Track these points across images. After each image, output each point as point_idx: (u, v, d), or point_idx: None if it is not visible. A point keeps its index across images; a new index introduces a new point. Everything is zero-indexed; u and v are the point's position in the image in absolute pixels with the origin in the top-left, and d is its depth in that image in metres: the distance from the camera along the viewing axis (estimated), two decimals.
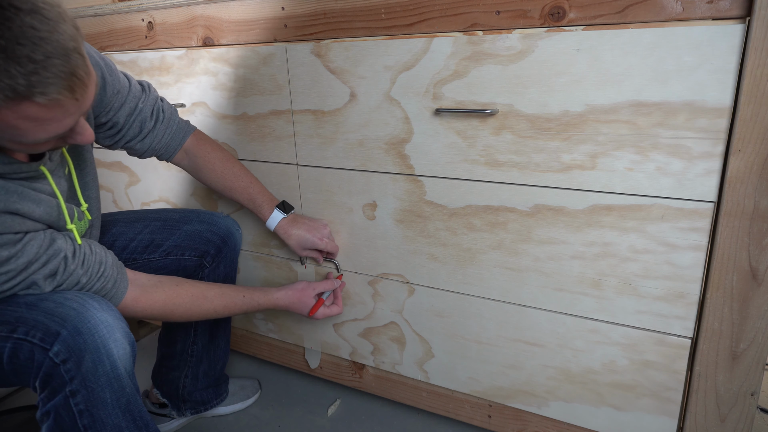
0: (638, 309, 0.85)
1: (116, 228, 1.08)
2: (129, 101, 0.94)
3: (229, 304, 1.00)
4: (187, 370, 1.19)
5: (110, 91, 0.90)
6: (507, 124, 0.86)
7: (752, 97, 0.68)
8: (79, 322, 0.72)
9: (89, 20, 1.28)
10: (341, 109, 1.00)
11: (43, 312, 0.73)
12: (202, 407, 1.24)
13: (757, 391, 0.80)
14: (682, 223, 0.78)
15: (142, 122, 0.97)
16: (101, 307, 0.76)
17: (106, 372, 0.73)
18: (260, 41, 1.06)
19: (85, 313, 0.73)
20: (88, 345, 0.72)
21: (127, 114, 0.94)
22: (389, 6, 0.91)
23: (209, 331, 1.19)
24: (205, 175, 1.07)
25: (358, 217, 1.07)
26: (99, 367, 0.73)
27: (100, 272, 0.82)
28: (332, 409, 1.26)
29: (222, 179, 1.07)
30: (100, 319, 0.74)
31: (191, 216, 1.12)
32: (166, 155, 1.04)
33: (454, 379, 1.08)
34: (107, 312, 0.76)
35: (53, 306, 0.74)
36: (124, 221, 1.09)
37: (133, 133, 0.97)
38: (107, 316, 0.75)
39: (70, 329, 0.71)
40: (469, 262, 0.97)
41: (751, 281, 0.75)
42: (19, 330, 0.72)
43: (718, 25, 0.68)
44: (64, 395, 0.72)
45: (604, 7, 0.75)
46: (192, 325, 1.16)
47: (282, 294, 1.07)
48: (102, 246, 0.87)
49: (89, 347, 0.72)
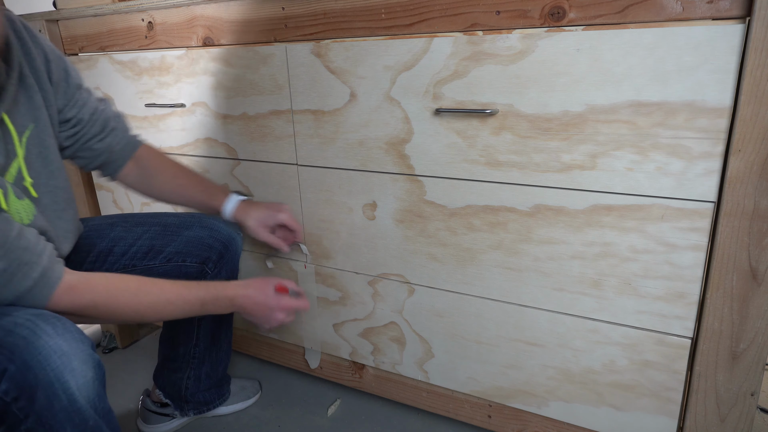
0: (638, 309, 0.85)
1: (114, 233, 1.06)
2: (91, 102, 0.96)
3: (182, 291, 0.89)
4: (190, 371, 1.19)
5: (73, 84, 0.91)
6: (507, 124, 0.86)
7: (752, 97, 0.68)
8: (28, 355, 0.64)
9: (89, 20, 1.29)
10: (341, 109, 1.00)
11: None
12: (205, 408, 1.24)
13: (757, 391, 0.80)
14: (682, 223, 0.78)
15: (104, 121, 0.97)
16: (56, 332, 0.67)
17: (64, 407, 0.67)
18: (260, 41, 1.06)
19: (36, 342, 0.65)
20: (40, 380, 0.64)
21: (90, 112, 0.95)
22: (389, 6, 0.91)
23: (211, 333, 1.18)
24: (157, 178, 1.05)
25: (358, 217, 1.07)
26: (55, 403, 0.66)
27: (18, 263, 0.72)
28: (332, 409, 1.27)
29: (176, 177, 1.07)
30: (53, 348, 0.66)
31: (192, 221, 1.09)
32: (118, 161, 1.01)
33: (454, 379, 1.08)
34: (62, 337, 0.68)
35: (2, 334, 0.66)
36: (123, 225, 1.07)
37: (95, 131, 0.96)
38: (62, 342, 0.67)
39: (19, 364, 0.64)
40: (469, 262, 0.97)
41: (751, 281, 0.75)
42: None
43: (718, 25, 0.68)
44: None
45: (604, 7, 0.75)
46: (194, 328, 1.16)
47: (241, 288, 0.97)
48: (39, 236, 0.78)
49: (41, 382, 0.64)
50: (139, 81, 1.25)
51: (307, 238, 1.15)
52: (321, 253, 1.15)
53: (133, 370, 1.46)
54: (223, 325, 1.20)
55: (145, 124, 1.29)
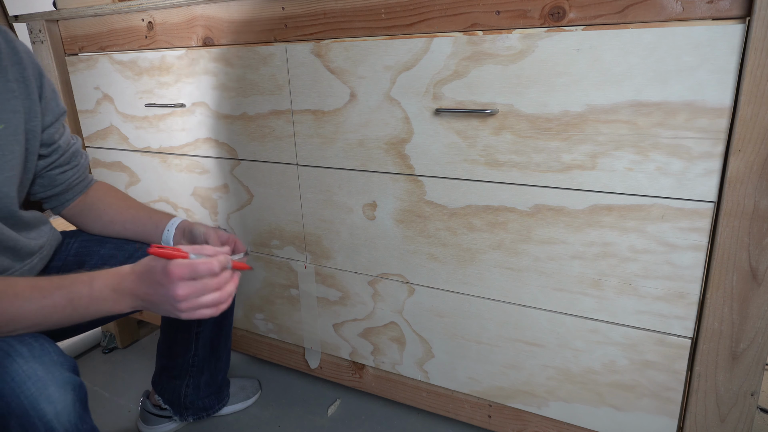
0: (638, 309, 0.85)
1: (105, 249, 0.99)
2: (68, 131, 0.97)
3: (40, 282, 0.70)
4: (189, 380, 1.19)
5: (61, 107, 0.93)
6: (507, 124, 0.86)
7: (752, 97, 0.68)
8: (0, 381, 0.61)
9: (89, 20, 1.29)
10: (341, 109, 1.00)
11: None
12: (204, 413, 1.23)
13: (757, 391, 0.79)
14: (682, 223, 0.78)
15: (73, 154, 0.97)
16: (31, 354, 0.64)
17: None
18: (260, 41, 1.06)
19: (9, 367, 0.62)
20: (13, 409, 0.61)
21: (66, 141, 0.95)
22: (389, 6, 0.91)
23: (210, 343, 1.17)
24: (102, 204, 1.00)
25: (358, 217, 1.07)
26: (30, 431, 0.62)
27: None
28: (332, 409, 1.26)
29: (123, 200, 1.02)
30: (27, 373, 0.62)
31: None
32: (69, 196, 0.98)
33: (454, 379, 1.08)
34: (38, 360, 0.64)
35: None
36: (113, 243, 1.01)
37: (62, 161, 0.94)
38: (37, 366, 0.63)
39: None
40: (469, 262, 0.97)
41: (751, 281, 0.75)
42: None
43: (718, 25, 0.68)
44: None
45: (604, 7, 0.75)
46: (192, 338, 1.15)
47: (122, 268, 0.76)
48: None
49: (15, 411, 0.61)
50: (139, 81, 1.25)
51: (307, 238, 1.15)
52: (321, 253, 1.15)
53: (133, 370, 1.46)
54: (222, 333, 1.19)
55: (145, 124, 1.29)
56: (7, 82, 0.82)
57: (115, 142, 1.37)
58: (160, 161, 1.31)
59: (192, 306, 0.71)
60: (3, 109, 0.81)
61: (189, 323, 1.13)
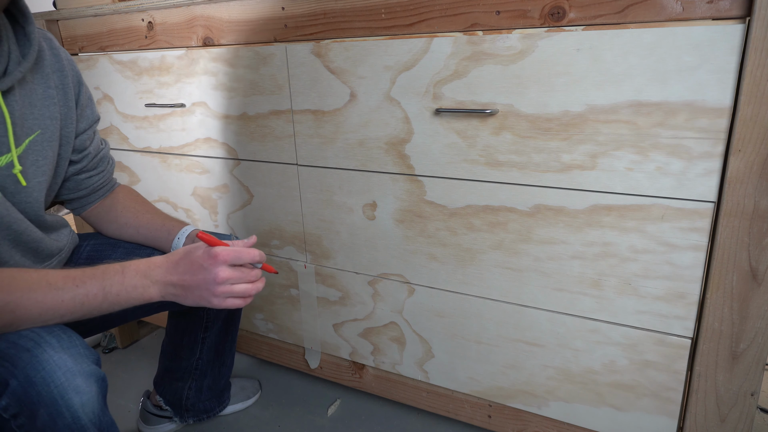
0: (638, 309, 0.85)
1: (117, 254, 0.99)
2: (98, 137, 0.97)
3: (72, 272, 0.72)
4: (191, 382, 1.18)
5: (94, 115, 0.94)
6: (507, 124, 0.86)
7: (752, 97, 0.68)
8: (31, 370, 0.62)
9: (89, 20, 1.29)
10: (341, 109, 1.00)
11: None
12: (205, 415, 1.23)
13: (757, 391, 0.79)
14: (682, 223, 0.78)
15: (101, 159, 0.97)
16: (60, 346, 0.65)
17: (67, 425, 0.64)
18: (260, 41, 1.06)
19: (40, 356, 0.63)
20: (43, 397, 0.62)
21: (96, 147, 0.96)
22: (389, 6, 0.91)
23: (215, 348, 1.17)
24: (120, 206, 1.00)
25: (358, 217, 1.07)
26: (58, 421, 0.63)
27: None
28: (332, 409, 1.27)
29: (140, 204, 1.02)
30: (57, 363, 0.63)
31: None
32: (92, 199, 0.99)
33: (454, 379, 1.08)
34: (67, 352, 0.65)
35: (4, 347, 0.63)
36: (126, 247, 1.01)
37: (91, 167, 0.95)
38: (66, 357, 0.64)
39: (21, 379, 0.61)
40: (469, 262, 0.97)
41: (751, 281, 0.75)
42: None
43: (718, 25, 0.68)
44: None
45: (604, 7, 0.75)
46: (198, 342, 1.15)
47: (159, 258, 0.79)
48: None
49: (44, 400, 0.62)
50: (139, 81, 1.25)
51: (307, 238, 1.15)
52: (321, 253, 1.15)
53: (133, 370, 1.46)
54: (228, 339, 1.19)
55: (145, 124, 1.29)
56: (48, 88, 0.83)
57: (115, 142, 1.37)
58: (160, 161, 1.31)
59: (226, 292, 0.75)
60: (42, 116, 0.82)
61: (196, 328, 1.13)
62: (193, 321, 1.12)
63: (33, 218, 0.84)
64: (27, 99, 0.79)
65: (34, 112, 0.81)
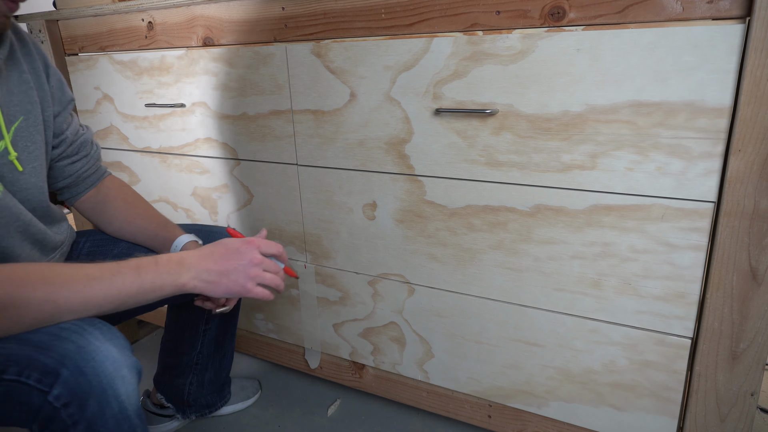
0: (638, 309, 0.85)
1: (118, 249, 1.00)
2: (76, 121, 0.96)
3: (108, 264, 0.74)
4: (193, 377, 1.18)
5: (68, 95, 0.92)
6: (507, 124, 0.86)
7: (752, 97, 0.68)
8: (81, 360, 0.63)
9: (89, 20, 1.29)
10: (341, 109, 1.00)
11: (36, 347, 0.64)
12: (207, 410, 1.23)
13: (757, 391, 0.80)
14: (682, 223, 0.78)
15: (81, 144, 0.96)
16: (104, 337, 0.66)
17: (114, 414, 0.65)
18: (260, 41, 1.06)
19: (87, 347, 0.64)
20: (94, 387, 0.63)
21: (74, 132, 0.94)
22: (389, 6, 0.91)
23: (216, 341, 1.17)
24: (113, 206, 0.99)
25: (358, 217, 1.07)
26: (106, 410, 0.64)
27: None
28: (332, 409, 1.27)
29: (134, 206, 1.01)
30: (105, 354, 0.65)
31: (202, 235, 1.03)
32: (81, 188, 0.98)
33: (454, 379, 1.08)
34: (111, 342, 0.66)
35: (48, 339, 0.64)
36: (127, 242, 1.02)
37: (71, 152, 0.94)
38: (112, 348, 0.66)
39: (72, 369, 0.62)
40: (469, 262, 0.97)
41: (751, 281, 0.75)
42: (9, 370, 0.63)
43: (718, 25, 0.68)
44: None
45: (604, 7, 0.75)
46: (199, 336, 1.15)
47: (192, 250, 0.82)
48: None
49: (94, 389, 0.63)
50: (139, 81, 1.25)
51: (307, 238, 1.15)
52: (321, 253, 1.15)
53: None
54: (229, 331, 1.19)
55: (145, 124, 1.29)
56: (23, 73, 0.82)
57: (115, 142, 1.37)
58: (160, 161, 1.31)
59: (258, 276, 0.81)
60: (22, 101, 0.82)
61: (197, 321, 1.13)
62: (195, 313, 1.12)
63: (36, 207, 0.84)
64: (5, 86, 0.79)
65: (13, 99, 0.81)
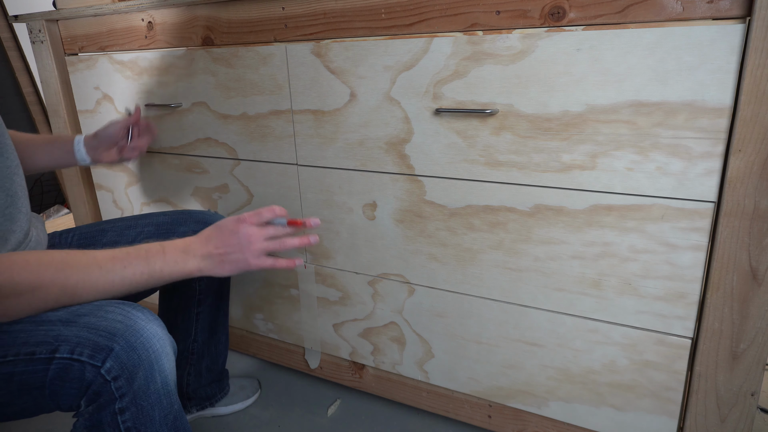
0: (638, 309, 0.85)
1: (107, 238, 1.04)
2: None
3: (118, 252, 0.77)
4: (190, 368, 1.19)
5: None
6: (507, 124, 0.86)
7: (752, 97, 0.68)
8: (131, 336, 0.67)
9: (89, 20, 1.29)
10: (341, 109, 1.00)
11: (85, 327, 0.68)
12: (207, 402, 1.24)
13: (757, 391, 0.79)
14: (682, 223, 0.78)
15: None
16: (147, 318, 0.70)
17: (157, 389, 0.69)
18: (260, 41, 1.06)
19: (134, 326, 0.68)
20: (143, 361, 0.67)
21: None
22: (389, 6, 0.91)
23: (209, 326, 1.19)
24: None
25: (358, 217, 1.06)
26: (151, 384, 0.68)
27: None
28: (332, 409, 1.26)
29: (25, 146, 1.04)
30: (151, 332, 0.69)
31: (183, 217, 1.09)
32: None
33: (454, 379, 1.08)
34: (155, 323, 0.71)
35: (95, 320, 0.68)
36: (114, 230, 1.06)
37: None
38: (156, 328, 0.70)
39: (123, 344, 0.66)
40: (469, 262, 0.97)
41: (751, 281, 0.75)
42: (61, 349, 0.66)
43: (718, 25, 0.68)
44: (112, 412, 0.68)
45: (604, 7, 0.75)
46: (192, 323, 1.16)
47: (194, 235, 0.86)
48: None
49: (143, 363, 0.67)
50: (139, 81, 1.25)
51: None
52: (321, 253, 1.15)
53: None
54: (220, 315, 1.20)
55: None
56: None
57: None
58: (160, 161, 1.31)
59: (259, 249, 0.83)
60: None
61: (189, 305, 1.13)
62: (186, 296, 1.13)
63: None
64: None
65: None
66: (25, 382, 0.67)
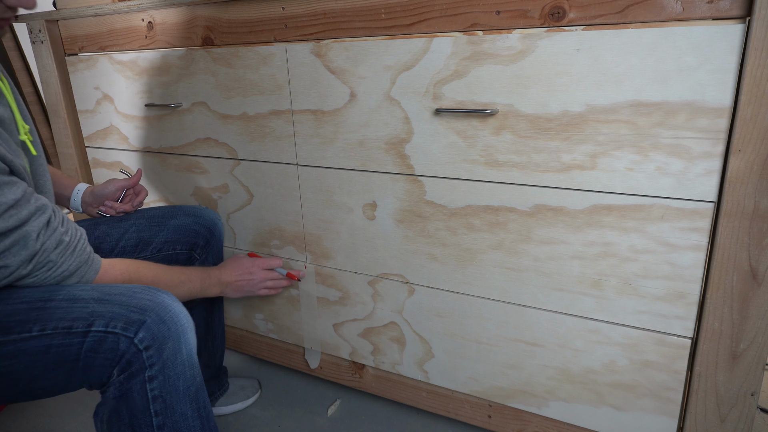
0: (638, 309, 0.85)
1: (99, 230, 1.07)
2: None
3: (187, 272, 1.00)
4: None
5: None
6: (507, 124, 0.86)
7: (752, 97, 0.68)
8: (161, 311, 0.74)
9: (89, 20, 1.29)
10: (341, 109, 1.00)
11: (117, 304, 0.74)
12: None
13: (757, 391, 0.79)
14: (682, 223, 0.78)
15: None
16: (170, 298, 0.77)
17: (183, 361, 0.75)
18: (260, 41, 1.06)
19: (162, 303, 0.75)
20: (172, 333, 0.74)
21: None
22: (389, 6, 0.91)
23: (205, 322, 1.19)
24: None
25: (358, 217, 1.06)
26: (177, 356, 0.74)
27: (78, 235, 0.80)
28: (332, 409, 1.26)
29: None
30: (178, 309, 0.76)
31: (175, 210, 1.13)
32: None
33: (454, 379, 1.08)
34: (177, 303, 0.78)
35: (126, 299, 0.75)
36: (107, 223, 1.09)
37: None
38: (181, 307, 0.78)
39: (153, 317, 0.73)
40: (469, 262, 0.97)
41: (751, 281, 0.75)
42: (96, 323, 0.72)
43: (718, 25, 0.68)
44: (142, 380, 0.73)
45: (604, 7, 0.75)
46: None
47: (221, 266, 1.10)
48: None
49: (172, 335, 0.74)
50: (139, 81, 1.25)
51: (307, 238, 1.16)
52: (321, 253, 1.15)
53: None
54: (215, 311, 1.22)
55: (145, 124, 1.29)
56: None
57: (115, 142, 1.37)
58: (160, 161, 1.31)
59: (263, 286, 1.14)
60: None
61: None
62: None
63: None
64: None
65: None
66: (61, 354, 0.72)
